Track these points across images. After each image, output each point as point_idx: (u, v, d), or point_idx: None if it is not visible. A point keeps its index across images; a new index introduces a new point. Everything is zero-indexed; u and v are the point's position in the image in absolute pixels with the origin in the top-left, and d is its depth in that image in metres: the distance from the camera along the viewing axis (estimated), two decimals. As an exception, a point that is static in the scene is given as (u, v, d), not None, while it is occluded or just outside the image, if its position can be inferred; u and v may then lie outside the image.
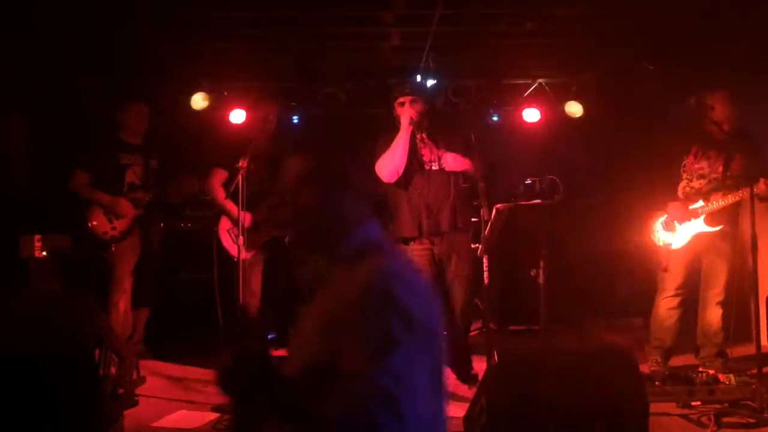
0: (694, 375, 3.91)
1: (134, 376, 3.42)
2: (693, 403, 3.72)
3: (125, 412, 3.26)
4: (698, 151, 4.42)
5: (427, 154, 4.45)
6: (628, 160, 6.20)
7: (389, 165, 4.32)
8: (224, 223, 4.91)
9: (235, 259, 4.63)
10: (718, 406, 3.66)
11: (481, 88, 6.65)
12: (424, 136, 4.48)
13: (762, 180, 4.01)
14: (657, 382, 3.85)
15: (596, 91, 6.43)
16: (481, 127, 6.96)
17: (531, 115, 6.80)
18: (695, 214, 4.38)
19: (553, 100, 6.72)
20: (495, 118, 7.07)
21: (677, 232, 4.44)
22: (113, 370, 3.00)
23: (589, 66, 6.40)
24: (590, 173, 6.76)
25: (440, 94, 6.26)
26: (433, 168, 4.40)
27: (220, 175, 4.86)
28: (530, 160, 6.60)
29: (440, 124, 4.56)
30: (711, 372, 4.09)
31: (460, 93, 6.60)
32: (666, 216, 4.46)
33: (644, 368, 4.42)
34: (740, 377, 3.92)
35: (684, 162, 4.45)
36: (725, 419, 3.51)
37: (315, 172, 1.89)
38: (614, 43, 5.92)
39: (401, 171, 4.34)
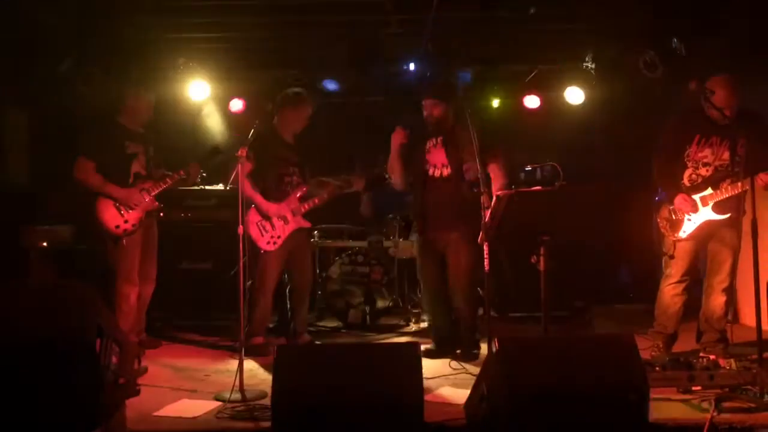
0: (695, 360, 3.90)
1: (135, 365, 3.42)
2: (693, 388, 3.71)
3: (127, 401, 3.26)
4: (701, 139, 4.39)
5: (432, 159, 4.65)
6: (630, 146, 6.19)
7: (393, 180, 4.88)
8: (253, 216, 4.90)
9: (262, 251, 4.84)
10: (718, 390, 3.66)
11: (481, 75, 6.62)
12: (438, 140, 4.60)
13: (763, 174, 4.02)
14: (657, 368, 3.83)
15: (596, 78, 6.40)
16: (481, 113, 6.96)
17: (531, 101, 6.80)
18: (704, 203, 4.36)
19: (553, 86, 6.70)
20: (495, 105, 7.06)
21: (685, 222, 4.42)
22: (114, 359, 2.99)
23: (589, 52, 6.36)
24: (591, 159, 6.75)
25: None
26: (436, 175, 4.63)
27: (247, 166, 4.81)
28: (530, 146, 6.59)
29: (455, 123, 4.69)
30: (712, 357, 4.08)
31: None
32: (673, 208, 4.44)
33: (645, 354, 4.42)
34: (741, 362, 3.92)
35: (687, 150, 4.42)
36: (726, 404, 3.50)
37: None
38: (615, 28, 5.90)
39: (404, 182, 4.81)
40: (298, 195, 5.02)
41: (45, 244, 5.42)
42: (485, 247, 3.76)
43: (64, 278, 5.32)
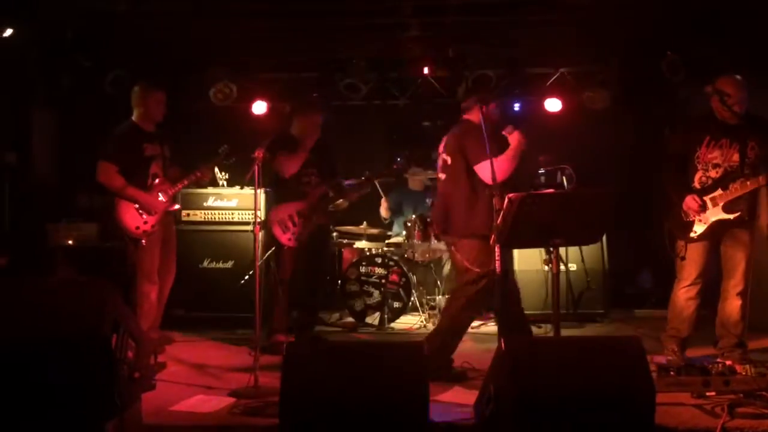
0: (711, 366, 3.87)
1: (152, 361, 3.50)
2: (708, 394, 3.68)
3: (144, 396, 3.34)
4: (710, 141, 4.39)
5: None
6: (651, 148, 6.14)
7: (507, 173, 4.18)
8: (274, 215, 5.15)
9: (285, 248, 5.08)
10: (733, 396, 3.63)
11: (501, 78, 6.63)
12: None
13: None
14: (672, 372, 3.81)
15: (618, 81, 6.37)
16: (503, 117, 6.97)
17: (553, 105, 6.79)
18: (714, 203, 4.36)
19: (575, 89, 6.68)
20: (516, 108, 7.07)
21: (696, 223, 4.42)
22: (130, 354, 3.07)
23: (610, 55, 6.34)
24: (613, 162, 6.72)
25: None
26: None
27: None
28: (552, 150, 6.58)
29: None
30: (728, 363, 4.05)
31: (480, 83, 6.58)
32: (683, 210, 4.44)
33: (660, 358, 4.40)
34: (758, 368, 3.87)
35: (697, 153, 4.43)
36: (739, 409, 3.47)
37: None
38: (636, 31, 5.87)
39: None
40: (317, 194, 5.19)
41: (71, 242, 5.56)
42: (497, 250, 3.77)
43: (87, 275, 5.45)
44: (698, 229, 4.41)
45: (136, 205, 4.81)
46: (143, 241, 4.81)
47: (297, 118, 5.30)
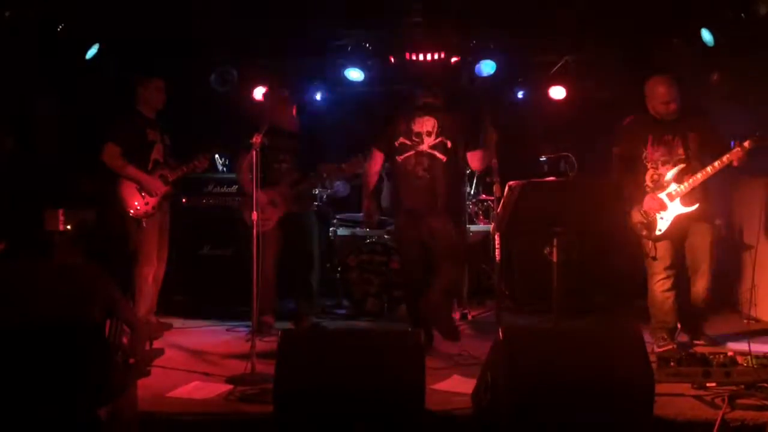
0: (712, 356, 3.85)
1: (147, 346, 3.49)
2: (708, 385, 3.66)
3: (140, 383, 3.32)
4: (654, 140, 4.48)
5: None
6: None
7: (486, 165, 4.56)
8: (248, 201, 5.05)
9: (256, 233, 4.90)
10: (733, 388, 3.59)
11: (506, 65, 6.57)
12: None
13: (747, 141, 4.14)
14: (672, 363, 3.79)
15: (623, 69, 6.31)
16: (507, 103, 6.95)
17: (557, 92, 6.73)
18: (671, 199, 4.43)
19: (579, 77, 6.62)
20: (520, 96, 7.02)
21: (658, 221, 4.48)
22: (124, 340, 3.06)
23: (616, 43, 6.28)
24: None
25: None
26: None
27: (248, 159, 4.95)
28: (555, 138, 6.53)
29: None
30: (729, 354, 4.03)
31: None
32: (643, 210, 4.51)
33: (656, 349, 4.40)
34: (759, 359, 3.84)
35: (644, 153, 4.50)
36: (739, 401, 3.44)
37: None
38: (642, 19, 5.80)
39: None
40: (288, 181, 5.17)
41: (69, 227, 5.53)
42: (497, 238, 3.74)
43: (86, 261, 5.42)
44: (662, 225, 4.48)
45: (138, 187, 4.89)
46: (144, 222, 4.86)
47: (269, 102, 5.40)
